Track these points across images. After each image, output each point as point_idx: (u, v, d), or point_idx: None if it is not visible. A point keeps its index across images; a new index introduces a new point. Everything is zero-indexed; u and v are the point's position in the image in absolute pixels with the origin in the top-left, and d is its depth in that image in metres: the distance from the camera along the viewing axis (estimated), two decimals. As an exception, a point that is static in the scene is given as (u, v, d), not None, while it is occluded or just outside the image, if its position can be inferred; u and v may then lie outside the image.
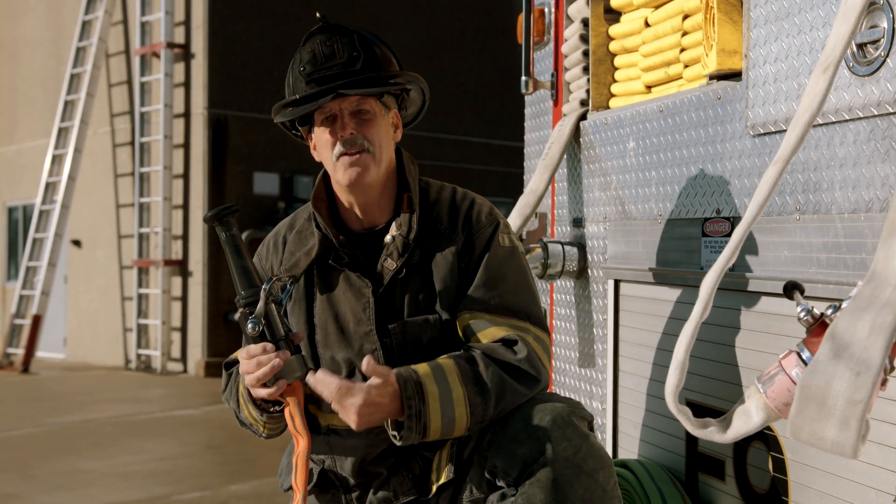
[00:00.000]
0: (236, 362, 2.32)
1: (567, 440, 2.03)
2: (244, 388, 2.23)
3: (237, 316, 2.22)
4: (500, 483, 2.08)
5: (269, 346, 2.11)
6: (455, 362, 2.13)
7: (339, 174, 2.24)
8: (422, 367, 2.11)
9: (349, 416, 2.05)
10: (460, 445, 2.20)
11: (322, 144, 2.27)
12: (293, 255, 2.34)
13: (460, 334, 2.25)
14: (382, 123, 2.28)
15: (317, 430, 2.33)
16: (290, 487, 2.40)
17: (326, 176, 2.35)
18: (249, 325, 2.11)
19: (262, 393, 2.14)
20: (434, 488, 2.24)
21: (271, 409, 2.24)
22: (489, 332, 2.20)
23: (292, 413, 2.16)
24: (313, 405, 2.31)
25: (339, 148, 2.22)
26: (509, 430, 2.07)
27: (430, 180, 2.39)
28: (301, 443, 2.15)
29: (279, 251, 2.38)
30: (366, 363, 2.06)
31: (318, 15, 2.32)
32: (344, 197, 2.31)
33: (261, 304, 2.11)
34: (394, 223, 2.28)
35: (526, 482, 2.02)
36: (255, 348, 2.12)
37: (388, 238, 2.27)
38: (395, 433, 2.10)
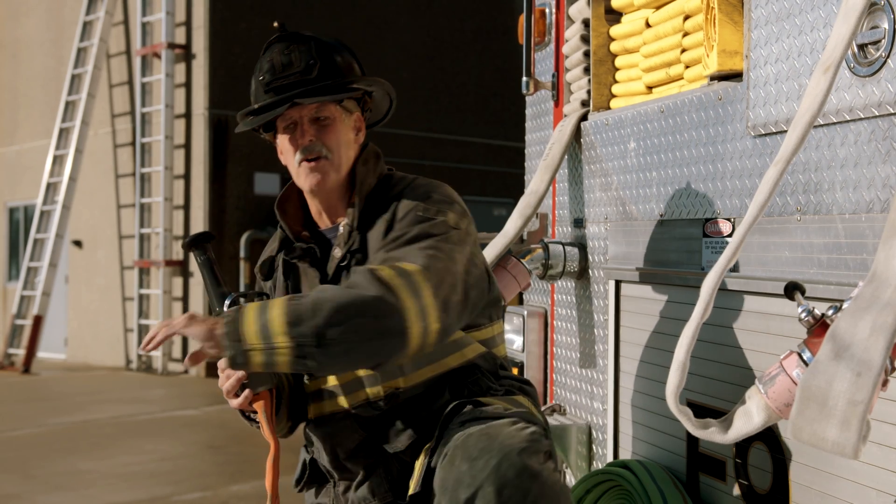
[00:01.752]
0: None
1: (514, 486, 1.93)
2: None
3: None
4: None
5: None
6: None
7: (301, 180, 2.32)
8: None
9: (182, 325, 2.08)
10: (432, 460, 2.20)
11: (285, 151, 2.34)
12: (264, 254, 2.47)
13: None
14: (342, 128, 2.33)
15: (305, 422, 2.44)
16: (295, 484, 2.51)
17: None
18: None
19: (234, 403, 2.25)
20: (409, 494, 2.23)
21: (251, 416, 2.33)
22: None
23: (261, 420, 2.26)
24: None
25: (299, 155, 2.29)
26: (454, 471, 1.99)
27: (398, 174, 2.42)
28: (272, 448, 2.25)
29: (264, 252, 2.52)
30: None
31: (275, 24, 2.39)
32: (308, 199, 2.40)
33: None
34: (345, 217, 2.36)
35: None
36: (224, 362, 2.19)
37: (339, 229, 2.35)
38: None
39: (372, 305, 2.03)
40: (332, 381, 2.33)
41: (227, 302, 2.25)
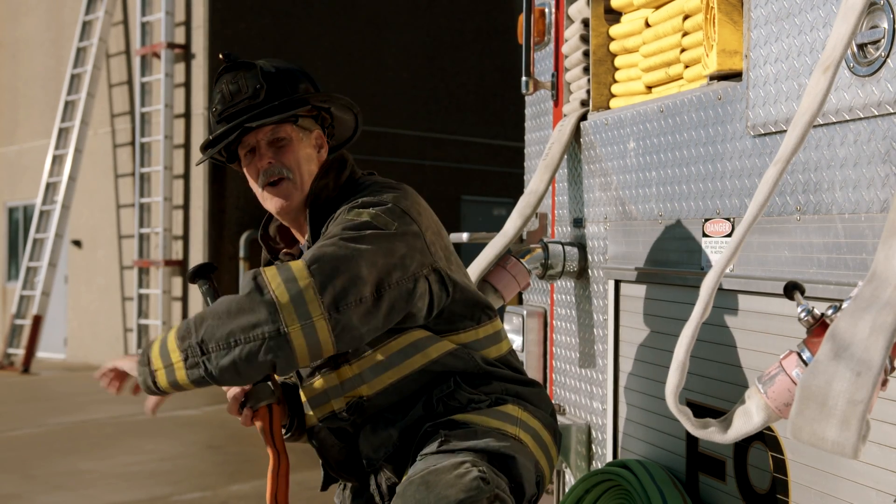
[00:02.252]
0: None
1: None
2: None
3: None
4: None
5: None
6: None
7: (268, 205, 2.35)
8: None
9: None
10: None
11: (248, 176, 2.37)
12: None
13: None
14: (300, 147, 2.33)
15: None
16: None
17: None
18: None
19: (238, 419, 2.33)
20: None
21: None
22: None
23: (263, 434, 2.32)
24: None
25: (261, 178, 2.31)
26: None
27: (365, 179, 2.38)
28: (271, 460, 2.30)
29: None
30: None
31: (220, 55, 2.39)
32: (280, 220, 2.42)
33: None
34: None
35: None
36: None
37: (302, 245, 2.41)
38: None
39: (241, 305, 2.04)
40: (304, 395, 2.38)
41: None
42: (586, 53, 3.08)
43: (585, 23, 3.09)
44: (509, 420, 2.25)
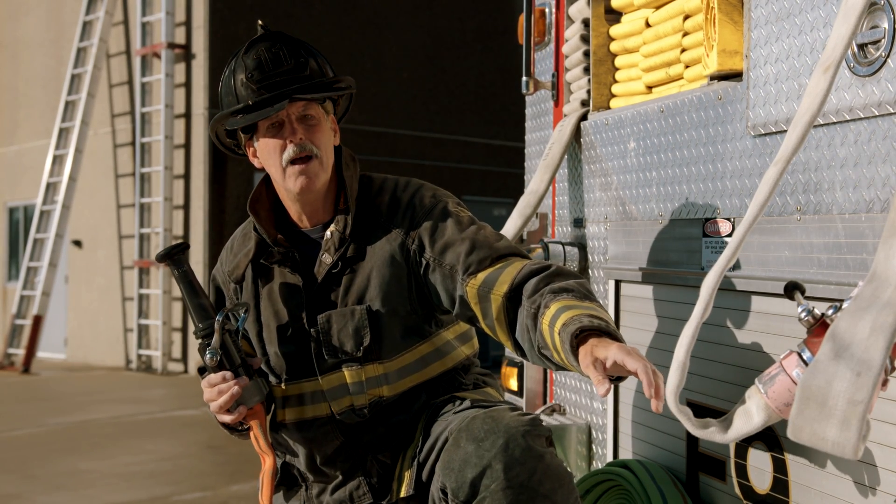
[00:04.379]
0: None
1: (520, 464, 1.97)
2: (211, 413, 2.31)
3: (197, 347, 2.31)
4: None
5: (228, 374, 2.20)
6: (576, 297, 2.04)
7: (290, 182, 2.25)
8: (599, 313, 2.02)
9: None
10: (420, 465, 2.22)
11: (269, 152, 2.27)
12: (236, 256, 2.40)
13: (476, 308, 2.20)
14: (326, 128, 2.30)
15: (272, 426, 2.41)
16: None
17: (267, 178, 2.38)
18: (207, 356, 2.21)
19: (226, 419, 2.24)
20: (395, 498, 2.26)
21: (240, 429, 2.32)
22: (508, 273, 2.15)
23: (256, 435, 2.27)
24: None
25: (288, 154, 2.24)
26: (461, 452, 2.01)
27: (373, 175, 2.42)
28: (267, 461, 2.26)
29: (230, 255, 2.45)
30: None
31: (259, 23, 2.35)
32: (290, 201, 2.34)
33: (216, 337, 2.21)
34: (333, 221, 2.32)
35: None
36: (215, 377, 2.21)
37: (326, 234, 2.31)
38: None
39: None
40: (315, 386, 2.32)
41: (218, 319, 2.21)
42: (587, 53, 3.08)
43: (586, 23, 3.09)
44: (495, 399, 2.39)
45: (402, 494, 2.23)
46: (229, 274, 2.39)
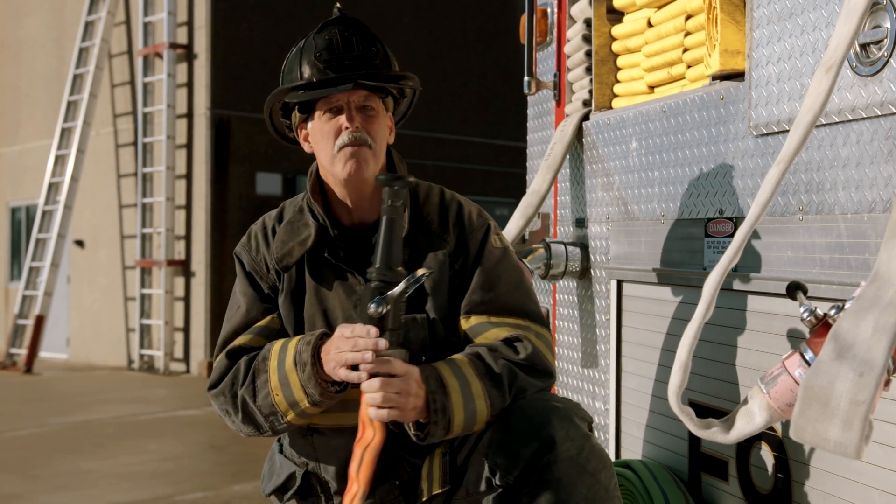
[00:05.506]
0: (241, 352, 2.27)
1: (570, 440, 2.03)
2: (297, 362, 2.14)
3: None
4: (499, 482, 2.07)
5: (375, 331, 2.03)
6: (466, 358, 2.14)
7: (338, 167, 2.22)
8: (438, 363, 2.12)
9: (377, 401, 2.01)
10: (453, 452, 2.20)
11: (323, 135, 2.23)
12: (285, 244, 2.29)
13: (461, 338, 2.25)
14: (383, 122, 2.27)
15: (300, 431, 2.31)
16: (273, 492, 2.37)
17: (318, 175, 2.33)
18: (373, 305, 2.03)
19: (343, 374, 2.06)
20: (426, 497, 2.22)
21: (331, 389, 2.15)
22: (491, 334, 2.21)
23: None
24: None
25: (342, 139, 2.20)
26: (512, 430, 2.06)
27: (418, 180, 2.37)
28: (377, 436, 2.07)
29: (270, 243, 2.33)
30: (369, 362, 2.01)
31: (337, 5, 2.34)
32: (338, 190, 2.28)
33: (399, 290, 2.04)
34: None
35: (528, 481, 2.02)
36: (360, 328, 2.04)
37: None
38: (418, 432, 2.09)
39: (545, 381, 2.21)
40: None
41: (412, 278, 2.03)
42: (588, 53, 3.08)
43: (588, 23, 3.09)
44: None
45: (436, 490, 2.19)
46: (278, 260, 2.28)
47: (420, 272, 2.06)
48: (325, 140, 2.23)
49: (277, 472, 2.38)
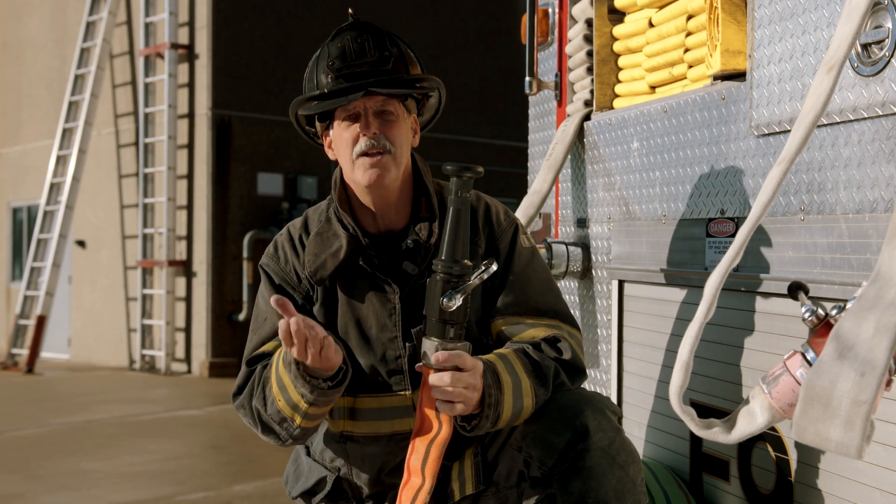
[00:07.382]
0: (259, 359, 2.26)
1: (602, 431, 2.05)
2: (286, 363, 2.10)
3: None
4: (533, 473, 2.09)
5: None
6: (516, 354, 2.14)
7: (359, 174, 2.19)
8: (491, 357, 2.11)
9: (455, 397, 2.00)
10: (483, 449, 2.20)
11: (342, 142, 2.21)
12: (318, 256, 2.25)
13: (492, 339, 2.26)
14: (404, 126, 2.24)
15: (333, 438, 2.31)
16: (300, 495, 2.36)
17: (343, 181, 2.30)
18: (445, 298, 2.02)
19: (295, 353, 2.01)
20: (458, 498, 2.21)
21: (322, 385, 2.10)
22: (528, 334, 2.22)
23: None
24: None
25: (360, 147, 2.18)
26: (546, 421, 2.09)
27: (442, 182, 2.34)
28: (444, 429, 2.05)
29: (299, 253, 2.30)
30: (442, 355, 1.99)
31: (350, 11, 2.31)
32: (363, 197, 2.26)
33: (471, 283, 2.03)
34: (415, 227, 2.24)
35: (561, 468, 2.04)
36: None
37: (408, 242, 2.23)
38: (465, 423, 2.08)
39: (580, 382, 2.26)
40: (403, 401, 2.22)
41: (483, 270, 2.00)
42: (590, 53, 3.08)
43: (589, 23, 3.09)
44: None
45: (469, 491, 2.19)
46: (312, 274, 2.24)
47: (489, 266, 2.03)
48: (344, 147, 2.21)
49: (306, 475, 2.37)
